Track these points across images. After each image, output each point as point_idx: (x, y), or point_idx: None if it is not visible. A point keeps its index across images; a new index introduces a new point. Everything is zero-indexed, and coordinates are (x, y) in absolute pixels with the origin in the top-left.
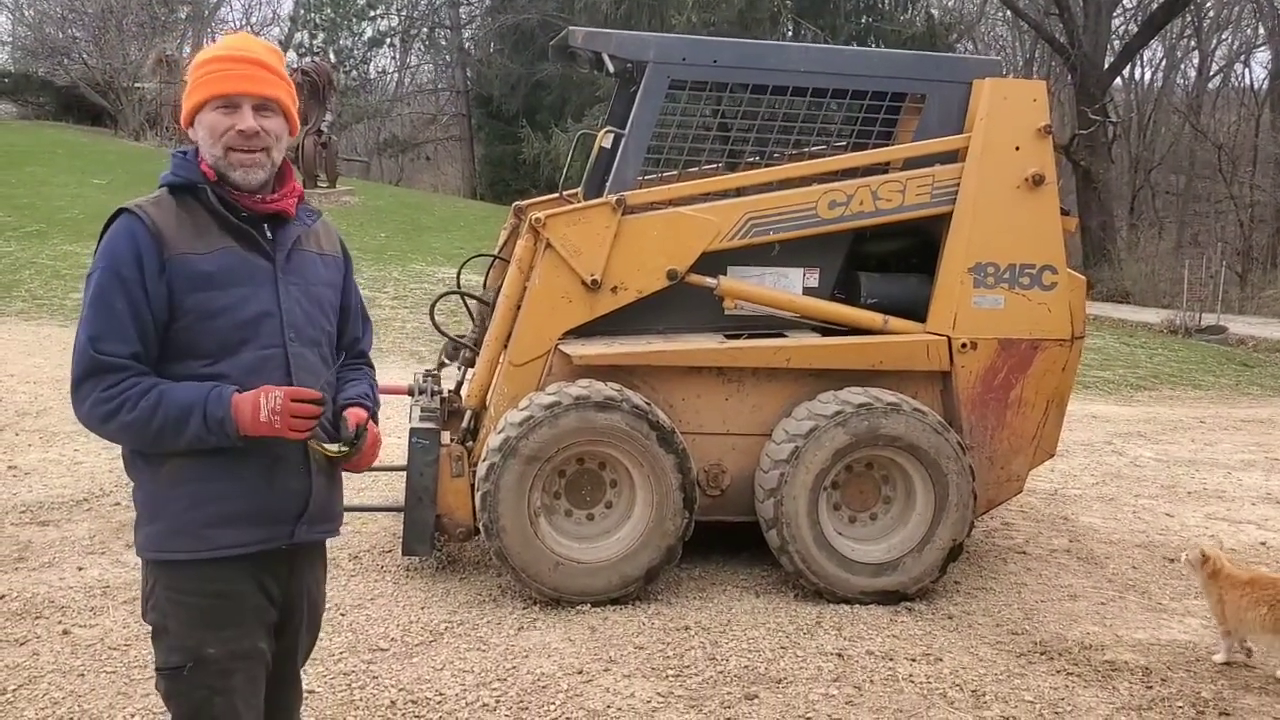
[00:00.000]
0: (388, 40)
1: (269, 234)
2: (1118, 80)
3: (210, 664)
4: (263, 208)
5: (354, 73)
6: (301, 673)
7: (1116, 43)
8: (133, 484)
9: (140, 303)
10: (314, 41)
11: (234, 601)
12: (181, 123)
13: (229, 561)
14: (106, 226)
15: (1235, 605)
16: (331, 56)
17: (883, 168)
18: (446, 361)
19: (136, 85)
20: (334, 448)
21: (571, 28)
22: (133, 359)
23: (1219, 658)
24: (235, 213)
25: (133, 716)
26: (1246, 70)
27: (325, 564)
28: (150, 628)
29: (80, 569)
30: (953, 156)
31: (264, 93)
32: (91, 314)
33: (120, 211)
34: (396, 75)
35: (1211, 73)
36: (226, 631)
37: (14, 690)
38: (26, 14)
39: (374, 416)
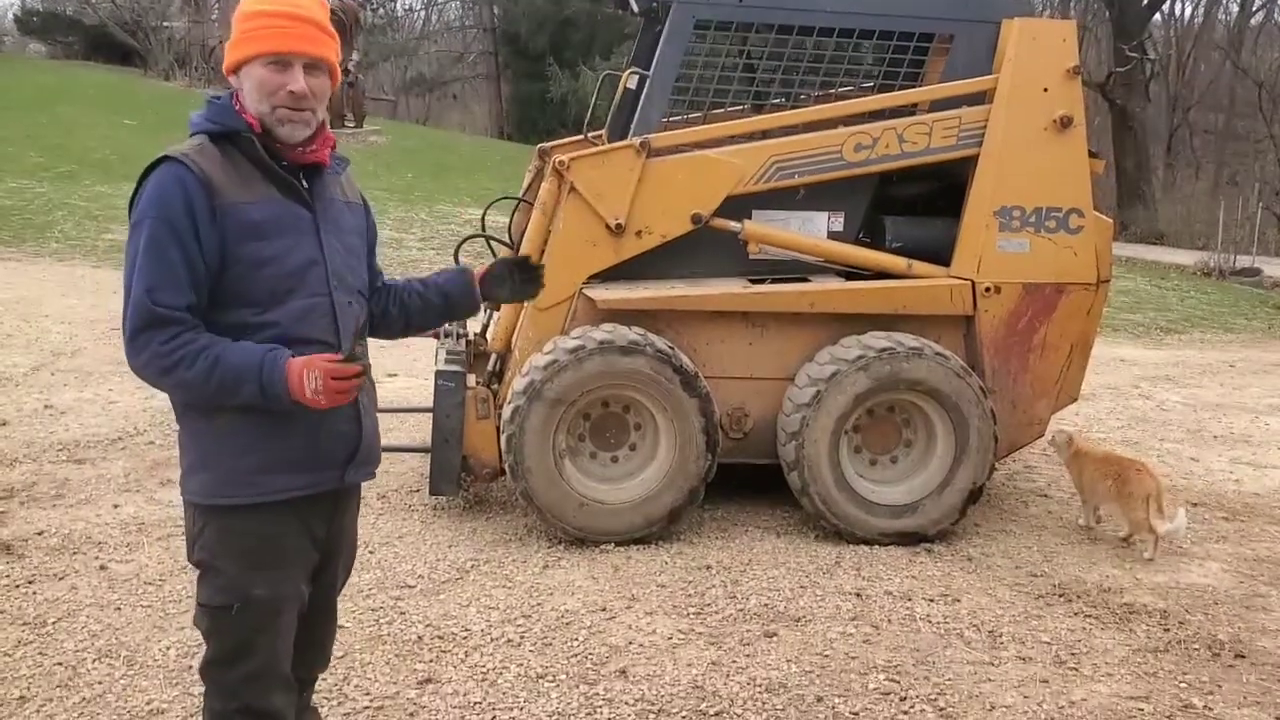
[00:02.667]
0: None
1: (305, 183)
2: (1157, 16)
3: (257, 604)
4: (302, 159)
5: (381, 11)
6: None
7: None
8: (181, 430)
9: (194, 252)
10: None
11: (281, 545)
12: (224, 69)
13: (279, 505)
14: (146, 174)
15: (1090, 478)
16: None
17: (909, 110)
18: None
19: (164, 24)
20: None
21: None
22: (188, 310)
23: (1082, 521)
24: (278, 162)
25: (168, 649)
26: None
27: (360, 501)
28: (197, 566)
29: (116, 506)
30: (980, 98)
31: (317, 53)
32: (146, 263)
33: (163, 159)
34: (423, 13)
35: (1254, 8)
36: (273, 573)
37: (53, 623)
38: None
39: None
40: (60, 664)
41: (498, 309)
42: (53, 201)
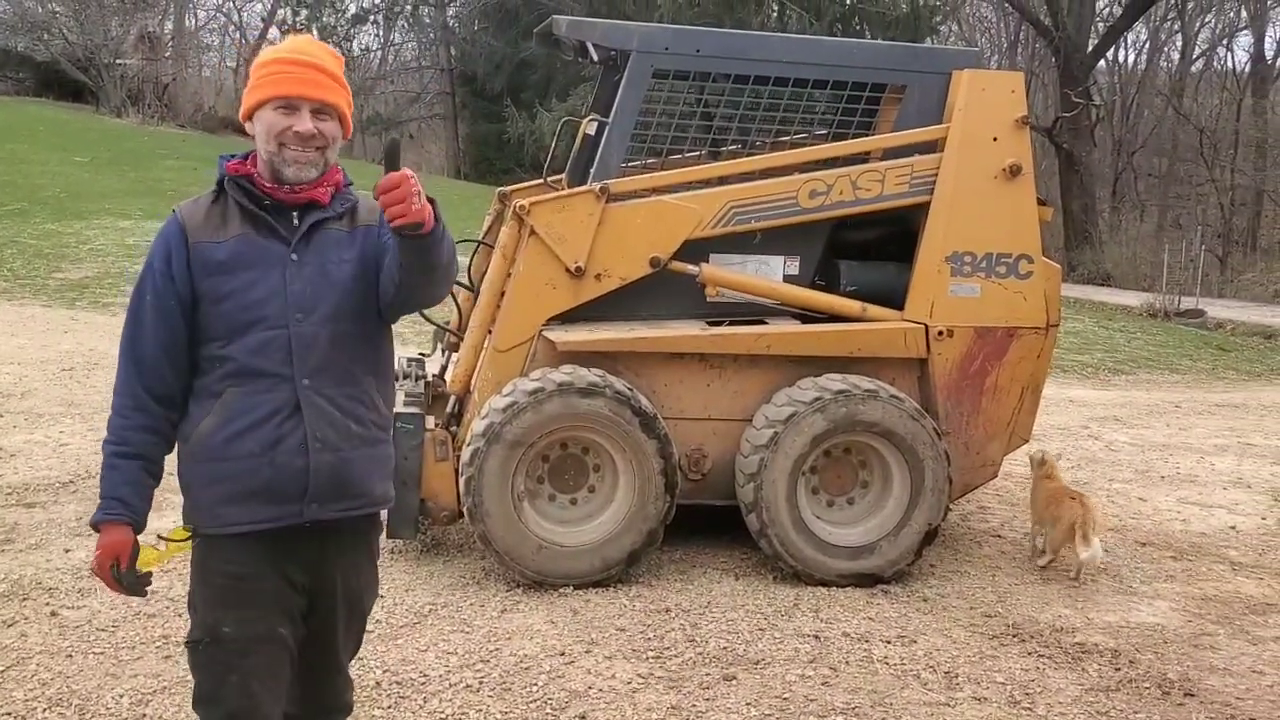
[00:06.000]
0: (371, 18)
1: (296, 220)
2: (1101, 63)
3: (226, 643)
4: (292, 198)
5: (337, 50)
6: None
7: (1101, 25)
8: None
9: (167, 294)
10: (297, 19)
11: (250, 584)
12: (240, 116)
13: (246, 540)
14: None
15: (1039, 503)
16: (315, 34)
17: (863, 157)
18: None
19: (118, 61)
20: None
21: (555, 17)
22: (149, 362)
23: (1032, 553)
24: (258, 202)
25: (121, 697)
26: (1229, 54)
27: (371, 550)
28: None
29: (67, 551)
30: (931, 147)
31: (324, 98)
32: (130, 309)
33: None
34: (380, 53)
35: (1194, 56)
36: (242, 612)
37: (2, 672)
38: None
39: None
40: (9, 714)
41: (456, 350)
42: (2, 239)
